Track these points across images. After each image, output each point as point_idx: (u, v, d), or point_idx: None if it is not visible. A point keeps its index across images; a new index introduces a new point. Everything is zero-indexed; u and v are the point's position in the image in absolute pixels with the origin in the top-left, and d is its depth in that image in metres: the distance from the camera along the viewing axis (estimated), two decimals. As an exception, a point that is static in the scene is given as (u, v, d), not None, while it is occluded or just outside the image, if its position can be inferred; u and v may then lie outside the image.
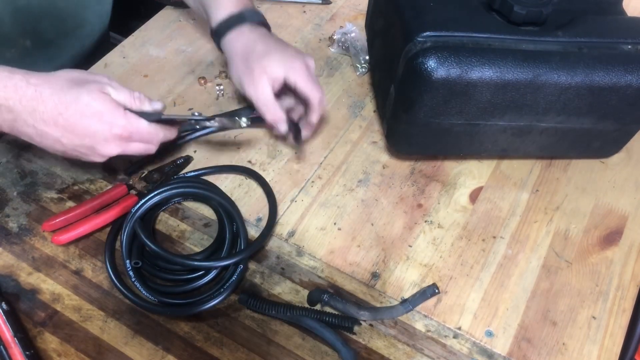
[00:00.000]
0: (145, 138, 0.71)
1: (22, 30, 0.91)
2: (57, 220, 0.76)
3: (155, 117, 0.72)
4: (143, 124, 0.70)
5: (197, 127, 0.78)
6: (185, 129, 0.78)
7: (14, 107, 0.64)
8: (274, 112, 0.80)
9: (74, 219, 0.77)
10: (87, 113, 0.66)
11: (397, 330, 0.72)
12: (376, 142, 0.91)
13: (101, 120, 0.67)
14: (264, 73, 0.78)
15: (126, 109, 0.69)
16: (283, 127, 0.81)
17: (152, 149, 0.73)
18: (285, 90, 0.83)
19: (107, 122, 0.67)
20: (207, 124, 0.77)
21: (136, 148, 0.72)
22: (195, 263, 0.74)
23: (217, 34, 0.85)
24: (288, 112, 0.84)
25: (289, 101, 0.86)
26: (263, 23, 0.86)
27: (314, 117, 0.83)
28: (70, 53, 1.01)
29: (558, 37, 0.74)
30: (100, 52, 1.14)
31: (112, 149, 0.70)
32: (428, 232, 0.81)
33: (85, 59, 1.07)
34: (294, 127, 0.84)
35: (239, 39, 0.83)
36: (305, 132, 0.85)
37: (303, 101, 0.83)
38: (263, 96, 0.79)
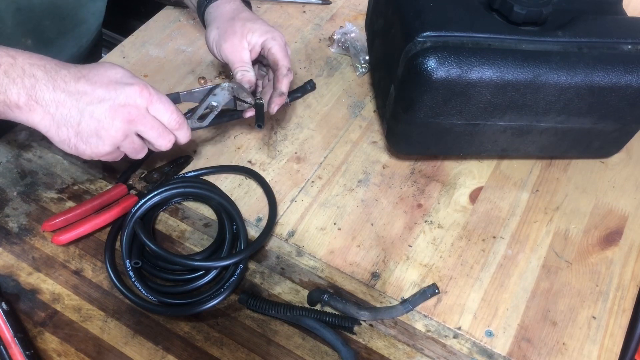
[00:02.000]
0: (165, 108, 0.69)
1: (24, 30, 0.91)
2: (57, 220, 0.76)
3: (173, 96, 0.72)
4: (163, 95, 0.70)
5: (210, 107, 0.78)
6: (195, 127, 0.79)
7: (36, 73, 0.64)
8: (248, 71, 0.82)
9: (74, 219, 0.77)
10: (110, 72, 0.67)
11: (397, 330, 0.72)
12: (376, 142, 0.91)
13: (124, 76, 0.67)
14: (244, 37, 0.81)
15: None
16: (247, 86, 0.82)
17: (166, 138, 0.70)
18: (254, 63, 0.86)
19: (128, 80, 0.67)
20: (225, 84, 0.77)
21: (152, 123, 0.69)
22: (195, 263, 0.74)
23: (203, 3, 0.87)
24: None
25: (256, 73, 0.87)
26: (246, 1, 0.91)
27: (284, 85, 0.82)
28: (68, 52, 1.01)
29: (558, 37, 0.74)
30: (95, 52, 1.14)
31: (130, 111, 0.66)
32: (428, 232, 0.81)
33: (82, 59, 1.07)
34: (257, 107, 0.82)
35: (225, 6, 0.86)
36: (276, 102, 0.82)
37: (272, 71, 0.84)
38: (240, 55, 0.82)
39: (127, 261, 0.73)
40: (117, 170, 0.85)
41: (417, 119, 0.77)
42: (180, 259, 0.75)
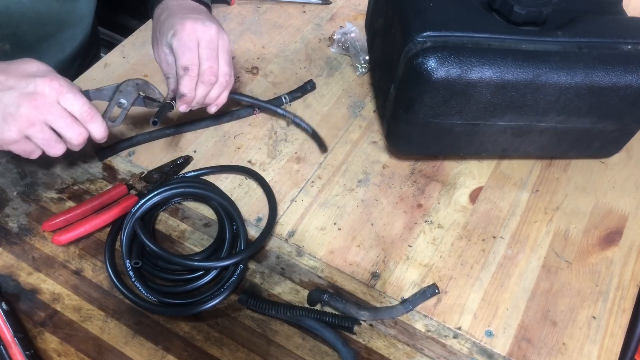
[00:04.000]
0: (76, 99, 0.69)
1: (1, 34, 0.89)
2: (57, 220, 0.76)
3: (85, 93, 0.73)
4: (76, 88, 0.70)
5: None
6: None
7: None
8: (170, 78, 0.81)
9: (74, 219, 0.77)
10: (27, 66, 0.69)
11: (397, 330, 0.72)
12: (376, 142, 0.91)
13: (38, 70, 0.69)
14: (162, 41, 0.80)
15: None
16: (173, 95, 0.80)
17: (76, 130, 0.70)
18: None
19: (42, 73, 0.69)
20: (130, 81, 0.75)
21: (60, 113, 0.69)
22: (195, 263, 0.74)
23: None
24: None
25: None
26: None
27: (181, 86, 0.77)
28: (52, 57, 1.00)
29: (558, 37, 0.74)
30: (90, 53, 1.13)
31: (37, 98, 0.67)
32: (428, 232, 0.81)
33: (73, 62, 1.06)
34: (162, 106, 0.79)
35: (157, 11, 0.84)
36: (179, 103, 0.79)
37: None
38: (166, 61, 0.82)
39: (127, 261, 0.73)
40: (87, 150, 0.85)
41: (417, 119, 0.77)
42: (180, 259, 0.75)
